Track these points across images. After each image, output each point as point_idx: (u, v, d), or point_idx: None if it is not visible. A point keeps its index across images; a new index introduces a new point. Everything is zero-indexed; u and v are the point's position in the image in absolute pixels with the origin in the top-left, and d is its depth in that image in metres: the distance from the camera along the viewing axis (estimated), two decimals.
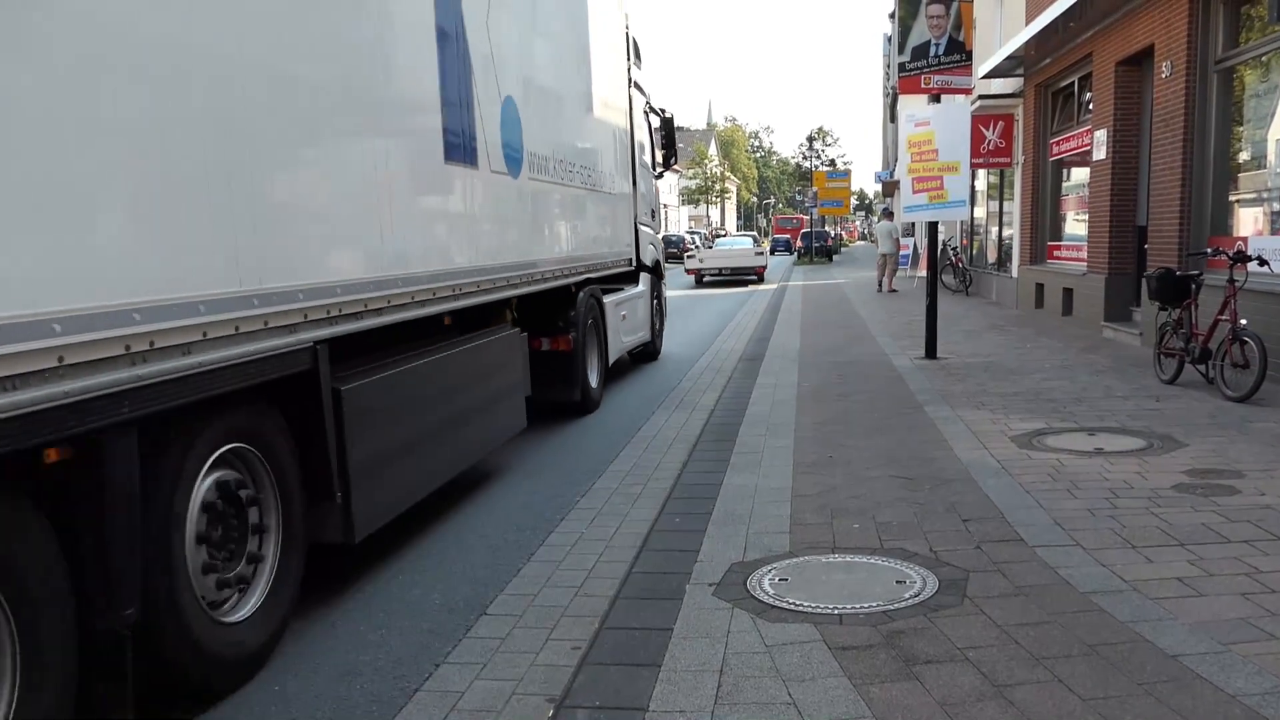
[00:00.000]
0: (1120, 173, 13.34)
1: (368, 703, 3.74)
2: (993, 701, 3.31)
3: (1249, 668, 3.45)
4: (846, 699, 3.37)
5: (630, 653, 3.83)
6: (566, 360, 8.97)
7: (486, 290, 6.66)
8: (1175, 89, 11.15)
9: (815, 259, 50.36)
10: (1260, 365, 8.01)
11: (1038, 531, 5.03)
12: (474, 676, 3.77)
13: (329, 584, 5.06)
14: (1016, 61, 16.64)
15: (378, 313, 5.01)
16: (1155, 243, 11.86)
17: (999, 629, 3.87)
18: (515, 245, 7.30)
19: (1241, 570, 4.38)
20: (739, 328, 17.25)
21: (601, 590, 4.57)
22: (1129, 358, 11.23)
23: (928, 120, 11.44)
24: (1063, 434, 7.33)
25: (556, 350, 8.92)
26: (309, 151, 4.51)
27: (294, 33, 4.32)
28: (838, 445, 7.22)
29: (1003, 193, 21.08)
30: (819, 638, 3.86)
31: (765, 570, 4.64)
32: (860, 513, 5.51)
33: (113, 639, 3.31)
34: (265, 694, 3.85)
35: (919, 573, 4.52)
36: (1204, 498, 5.53)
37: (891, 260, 25.30)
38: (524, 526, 5.90)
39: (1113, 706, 3.23)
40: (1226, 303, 8.54)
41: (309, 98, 4.45)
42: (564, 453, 7.95)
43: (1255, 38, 10.16)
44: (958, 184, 11.28)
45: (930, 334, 11.71)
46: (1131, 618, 3.90)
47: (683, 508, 5.81)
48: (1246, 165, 10.54)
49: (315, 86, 4.50)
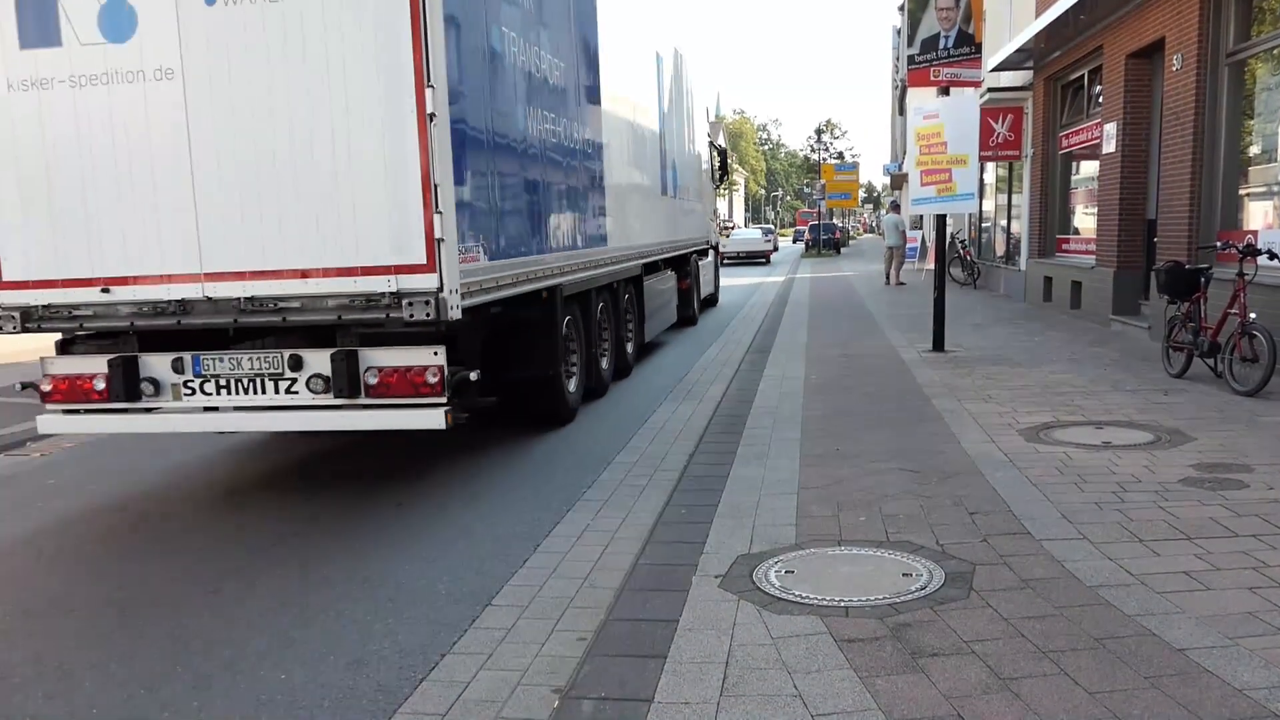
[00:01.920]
0: (1130, 166, 13.29)
1: (374, 692, 3.75)
2: (999, 694, 3.30)
3: (1256, 661, 3.44)
4: (852, 691, 3.37)
5: (636, 644, 3.84)
6: (686, 293, 16.25)
7: (667, 251, 13.77)
8: (1186, 82, 11.10)
9: (823, 251, 50.28)
10: (1269, 359, 7.98)
11: (1044, 525, 5.02)
12: (479, 667, 3.78)
13: (336, 572, 5.08)
14: (1026, 54, 16.56)
15: (657, 254, 12.93)
16: (1164, 236, 11.81)
17: (1005, 622, 3.87)
18: (675, 231, 14.52)
19: (1249, 564, 4.37)
20: (747, 319, 17.25)
21: (607, 582, 4.57)
22: (1137, 351, 11.20)
23: (936, 113, 11.41)
24: (1070, 427, 7.31)
25: (682, 288, 15.86)
26: (646, 196, 12.43)
27: (641, 146, 11.94)
28: (844, 438, 7.21)
29: (1011, 186, 21.00)
30: (825, 630, 3.86)
31: (771, 562, 4.64)
32: (867, 505, 5.51)
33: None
34: (273, 683, 3.87)
35: (925, 565, 4.51)
36: (1212, 491, 5.52)
37: (898, 253, 25.23)
38: (530, 518, 5.90)
39: (1119, 700, 3.23)
40: (1235, 296, 8.51)
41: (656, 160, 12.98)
42: (570, 444, 7.95)
43: (1267, 30, 10.09)
44: (966, 177, 11.24)
45: (938, 327, 11.68)
46: (1138, 611, 3.90)
47: (689, 499, 5.81)
48: (1257, 159, 10.49)
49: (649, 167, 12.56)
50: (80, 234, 6.03)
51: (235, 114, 5.74)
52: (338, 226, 5.74)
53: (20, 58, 5.89)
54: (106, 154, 5.91)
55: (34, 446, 8.39)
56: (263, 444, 8.42)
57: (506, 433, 8.29)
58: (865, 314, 17.11)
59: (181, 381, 6.17)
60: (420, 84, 5.55)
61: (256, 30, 5.64)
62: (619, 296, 10.91)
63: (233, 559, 5.43)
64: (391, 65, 5.56)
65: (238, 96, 5.73)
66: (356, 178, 5.69)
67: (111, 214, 5.97)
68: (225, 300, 5.92)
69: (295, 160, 5.73)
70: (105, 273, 6.04)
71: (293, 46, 5.64)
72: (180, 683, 3.90)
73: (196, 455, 8.05)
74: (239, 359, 6.11)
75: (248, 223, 5.83)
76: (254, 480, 7.34)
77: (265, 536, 5.81)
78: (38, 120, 5.95)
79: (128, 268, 6.01)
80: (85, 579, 5.17)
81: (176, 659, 4.12)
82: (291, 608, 4.65)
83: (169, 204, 5.88)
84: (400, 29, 5.53)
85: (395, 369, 5.95)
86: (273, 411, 6.19)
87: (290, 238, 5.80)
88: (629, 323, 11.51)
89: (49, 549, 5.73)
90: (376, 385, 5.97)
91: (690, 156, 15.75)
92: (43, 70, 5.88)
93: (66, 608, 4.74)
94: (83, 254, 6.05)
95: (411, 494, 6.58)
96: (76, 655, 4.19)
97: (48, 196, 6.02)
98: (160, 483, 7.25)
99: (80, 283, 6.08)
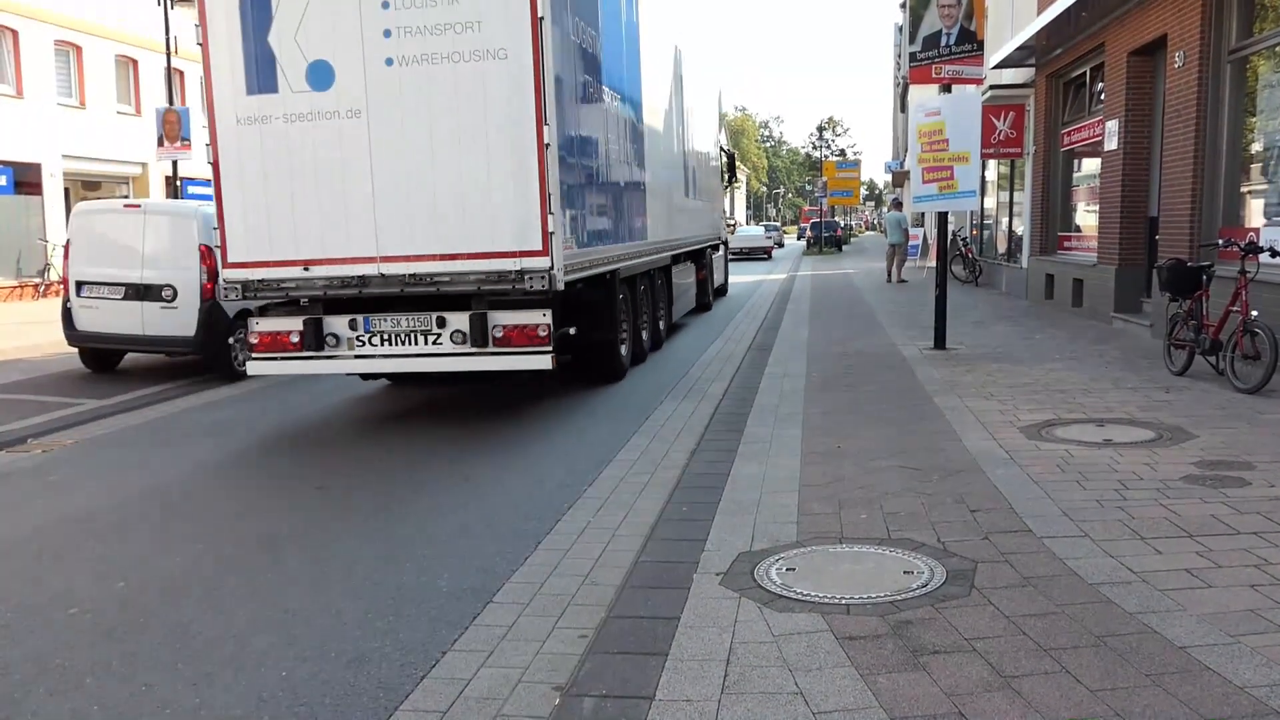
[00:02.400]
0: (1132, 163, 13.28)
1: (375, 689, 3.75)
2: (1000, 692, 3.30)
3: (1257, 659, 3.44)
4: (853, 689, 3.37)
5: (637, 641, 3.84)
6: (703, 282, 18.25)
7: (688, 245, 15.69)
8: (1188, 79, 11.09)
9: (825, 249, 50.26)
10: (1271, 357, 7.97)
11: (1046, 522, 5.02)
12: (481, 664, 3.78)
13: (336, 571, 5.08)
14: (1028, 51, 16.55)
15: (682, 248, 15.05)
16: (1166, 234, 11.80)
17: (1007, 619, 3.87)
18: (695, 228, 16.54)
19: (1250, 562, 4.37)
20: (748, 316, 17.25)
21: (609, 579, 4.57)
22: (1139, 349, 11.19)
23: (938, 110, 11.39)
24: (1072, 425, 7.31)
25: (699, 278, 17.85)
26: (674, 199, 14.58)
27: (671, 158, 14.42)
28: (846, 435, 7.21)
29: (1013, 183, 20.99)
30: (826, 627, 3.86)
31: (773, 560, 4.64)
32: (868, 503, 5.51)
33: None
34: (273, 680, 3.87)
35: (927, 563, 4.51)
36: (1213, 489, 5.51)
37: (900, 250, 25.21)
38: (531, 515, 5.90)
39: (1121, 697, 3.23)
40: (1237, 294, 8.50)
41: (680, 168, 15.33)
42: (571, 441, 7.96)
43: (1269, 28, 10.08)
44: (968, 174, 11.23)
45: (939, 324, 11.67)
46: (1140, 609, 3.89)
47: (690, 497, 5.81)
48: (1259, 156, 10.48)
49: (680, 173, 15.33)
50: (288, 228, 8.26)
51: (405, 142, 8.03)
52: (478, 223, 8.04)
53: (247, 101, 8.19)
54: (309, 170, 8.17)
55: (35, 443, 8.39)
56: (263, 445, 8.43)
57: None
58: (867, 311, 17.10)
59: (355, 336, 8.43)
60: (539, 122, 7.90)
61: (423, 83, 7.94)
62: (654, 282, 13.18)
63: (234, 554, 5.43)
64: (519, 109, 7.88)
65: (407, 130, 8.03)
66: (493, 188, 8.00)
67: (311, 214, 8.21)
68: (394, 276, 8.21)
69: (448, 175, 8.02)
70: (306, 255, 8.29)
71: (448, 95, 7.95)
72: (181, 680, 3.90)
73: (198, 453, 8.06)
74: (399, 319, 8.38)
75: (411, 220, 8.12)
76: (255, 478, 7.34)
77: (266, 533, 5.81)
78: (259, 147, 8.19)
79: (323, 252, 8.25)
80: (86, 576, 5.17)
81: (178, 656, 4.12)
82: (293, 604, 4.65)
83: (354, 206, 8.15)
84: (526, 84, 7.84)
85: (515, 326, 8.24)
86: (422, 358, 8.40)
87: (443, 231, 8.08)
88: (660, 305, 13.65)
89: (50, 545, 5.73)
90: (501, 338, 8.25)
91: (706, 163, 18.46)
92: (264, 110, 8.16)
93: (68, 604, 4.74)
94: (289, 242, 8.29)
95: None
96: (78, 652, 4.19)
97: (264, 201, 8.26)
98: (161, 480, 7.25)
99: (287, 263, 8.32)
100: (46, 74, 22.96)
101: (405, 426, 8.96)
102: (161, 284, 11.37)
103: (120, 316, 11.48)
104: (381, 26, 7.94)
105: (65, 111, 23.57)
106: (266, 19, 8.08)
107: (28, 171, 22.59)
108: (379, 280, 8.23)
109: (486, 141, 7.95)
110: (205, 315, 11.28)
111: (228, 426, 9.07)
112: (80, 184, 24.93)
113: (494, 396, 10.00)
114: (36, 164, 22.71)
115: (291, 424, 9.21)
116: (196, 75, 27.74)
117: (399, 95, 7.98)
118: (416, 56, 7.94)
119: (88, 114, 24.22)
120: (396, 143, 8.03)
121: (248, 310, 9.01)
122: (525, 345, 8.22)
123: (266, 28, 8.09)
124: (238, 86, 8.19)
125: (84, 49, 24.00)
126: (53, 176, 23.22)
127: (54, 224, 22.65)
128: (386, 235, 8.14)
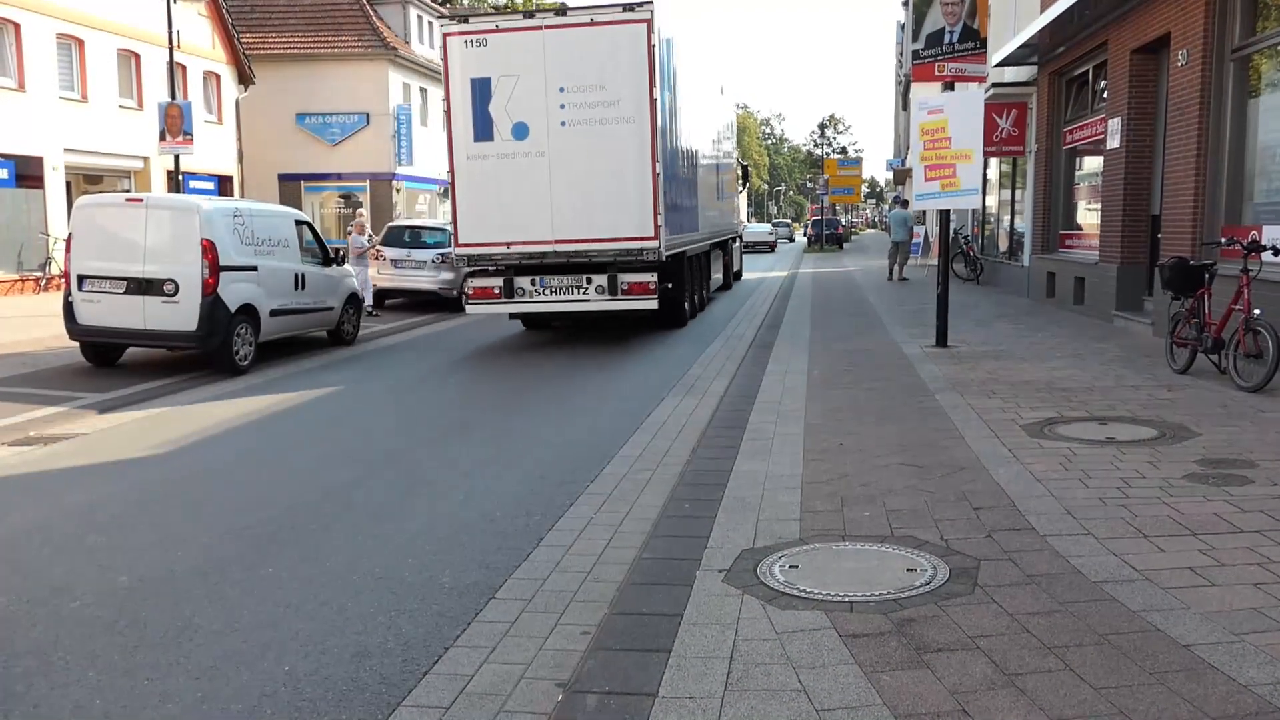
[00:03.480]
0: (1134, 162, 13.26)
1: (377, 684, 3.75)
2: (1004, 690, 3.30)
3: (1261, 658, 3.43)
4: (857, 686, 3.36)
5: (640, 638, 3.83)
6: (727, 266, 22.98)
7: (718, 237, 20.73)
8: (1191, 78, 11.07)
9: (826, 247, 50.22)
10: (1273, 355, 7.95)
11: (1049, 520, 5.01)
12: (483, 660, 3.78)
13: (338, 567, 5.08)
14: (1030, 49, 16.52)
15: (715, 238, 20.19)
16: (1168, 232, 11.79)
17: (1010, 617, 3.86)
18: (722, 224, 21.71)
19: (1254, 560, 4.36)
20: (750, 314, 17.25)
21: (611, 575, 4.57)
22: (1141, 347, 11.18)
23: (941, 107, 11.36)
24: (1074, 423, 7.30)
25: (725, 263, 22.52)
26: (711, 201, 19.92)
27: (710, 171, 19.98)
28: (848, 432, 7.21)
29: (1015, 181, 20.97)
30: (829, 625, 3.85)
31: (775, 557, 4.63)
32: (871, 500, 5.50)
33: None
34: (276, 675, 3.87)
35: (930, 561, 4.51)
36: (1216, 487, 5.51)
37: (903, 249, 25.19)
38: (533, 511, 5.90)
39: (1124, 696, 3.22)
40: (1240, 292, 8.49)
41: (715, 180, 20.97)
42: (573, 438, 7.96)
43: (1272, 26, 10.06)
44: (970, 172, 11.20)
45: (941, 322, 11.66)
46: (1143, 607, 3.89)
47: (692, 494, 5.81)
48: (1262, 154, 10.45)
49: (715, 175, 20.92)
50: (496, 223, 13.44)
51: (570, 172, 13.11)
52: (615, 221, 13.26)
53: (473, 146, 13.35)
54: (510, 188, 13.30)
55: (36, 436, 8.39)
56: (263, 442, 8.42)
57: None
58: (869, 309, 17.10)
59: (533, 289, 13.62)
60: (654, 158, 13.16)
61: (583, 136, 13.11)
62: (700, 262, 18.18)
63: (236, 549, 5.43)
64: (641, 153, 13.10)
65: (572, 165, 13.17)
66: (625, 200, 13.22)
67: (511, 214, 13.36)
68: (562, 252, 13.43)
69: (597, 192, 13.19)
70: (507, 239, 13.51)
71: (598, 144, 13.12)
72: (183, 674, 3.90)
73: (199, 448, 8.06)
74: (561, 279, 13.59)
75: (576, 218, 13.27)
76: (258, 474, 7.34)
77: (267, 529, 5.81)
78: (480, 173, 13.31)
79: (519, 236, 13.47)
80: (88, 569, 5.16)
81: (180, 650, 4.12)
82: (294, 600, 4.65)
83: (538, 210, 13.30)
84: (646, 138, 13.08)
85: (636, 282, 13.40)
86: (574, 303, 13.64)
87: (593, 225, 13.27)
88: (701, 279, 18.41)
89: (51, 539, 5.73)
90: (626, 290, 13.40)
91: (729, 174, 23.92)
92: (483, 152, 13.35)
93: (69, 598, 4.74)
94: (497, 231, 13.48)
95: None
96: (80, 646, 4.19)
97: (481, 206, 13.40)
98: (162, 474, 7.25)
99: (496, 244, 13.58)
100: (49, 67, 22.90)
101: (405, 422, 8.96)
102: (163, 278, 11.36)
103: (122, 311, 11.47)
104: (559, 102, 13.14)
105: (67, 105, 23.52)
106: (487, 95, 13.30)
107: (29, 165, 22.54)
108: (553, 255, 13.54)
109: (621, 172, 13.26)
110: (207, 310, 11.27)
111: (228, 422, 9.06)
112: (82, 178, 24.89)
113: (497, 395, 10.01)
114: (38, 157, 22.66)
115: (293, 422, 9.21)
116: (199, 69, 27.84)
117: (568, 143, 13.20)
118: (579, 120, 13.16)
119: (90, 107, 24.18)
120: (565, 172, 13.26)
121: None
122: (641, 295, 13.48)
123: (488, 101, 13.32)
124: (468, 136, 13.38)
125: (86, 42, 23.95)
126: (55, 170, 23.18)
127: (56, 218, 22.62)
128: (558, 227, 13.40)
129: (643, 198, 13.15)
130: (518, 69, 13.08)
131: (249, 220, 12.28)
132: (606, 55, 13.00)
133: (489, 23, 13.43)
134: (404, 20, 36.62)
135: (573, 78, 13.02)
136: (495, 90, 13.12)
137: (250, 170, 31.07)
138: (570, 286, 13.53)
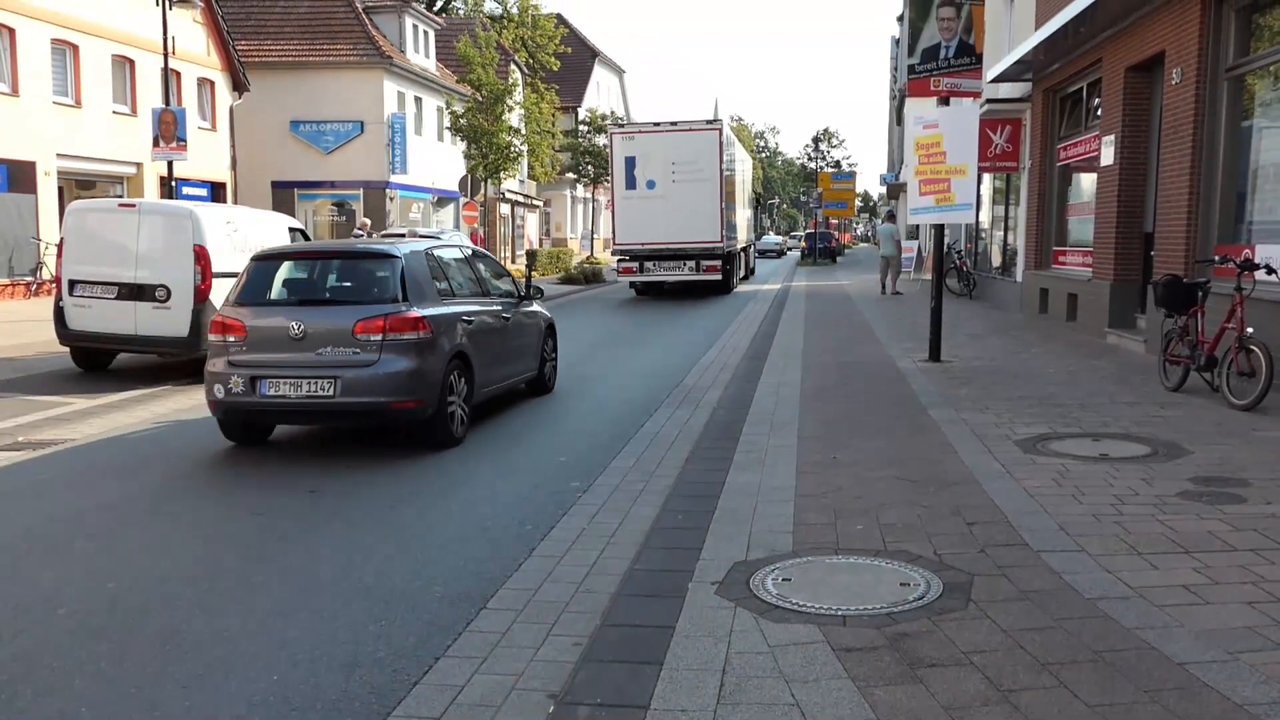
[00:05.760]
0: (1128, 179, 13.29)
1: (367, 694, 3.72)
2: (998, 706, 3.28)
3: (1256, 677, 3.42)
4: (850, 701, 3.34)
5: (632, 650, 3.81)
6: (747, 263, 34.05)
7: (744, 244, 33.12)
8: (1185, 96, 11.12)
9: (819, 260, 50.32)
10: (1266, 373, 7.97)
11: (1043, 536, 5.00)
12: (474, 670, 3.74)
13: (329, 575, 5.05)
14: (1025, 66, 16.57)
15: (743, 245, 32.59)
16: (1162, 249, 11.82)
17: (1004, 633, 3.85)
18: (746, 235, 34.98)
19: (1248, 579, 4.36)
20: (744, 324, 17.24)
21: (603, 586, 4.54)
22: (1133, 364, 11.20)
23: (936, 122, 11.40)
24: (1067, 439, 7.30)
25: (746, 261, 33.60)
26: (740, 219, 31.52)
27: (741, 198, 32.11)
28: (841, 446, 7.19)
29: (1008, 197, 21.02)
30: (822, 639, 3.83)
31: (768, 570, 4.61)
32: (864, 514, 5.49)
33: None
34: (264, 684, 3.83)
35: (923, 575, 4.49)
36: (1210, 505, 5.50)
37: (894, 263, 25.24)
38: (526, 520, 5.87)
39: (1119, 714, 3.21)
40: (1233, 311, 8.50)
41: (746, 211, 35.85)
42: (566, 449, 7.93)
43: (1266, 46, 10.11)
44: (965, 187, 11.23)
45: (934, 337, 11.67)
46: (1138, 624, 3.88)
47: (685, 505, 5.79)
48: (1255, 173, 10.49)
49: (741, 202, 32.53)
50: (636, 232, 24.85)
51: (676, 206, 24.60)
52: (700, 232, 24.61)
53: (625, 192, 25.00)
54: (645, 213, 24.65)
55: (25, 441, 8.33)
56: (255, 449, 8.37)
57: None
58: (861, 323, 17.11)
59: (653, 267, 25.02)
60: (721, 201, 24.70)
61: (685, 187, 24.45)
62: (738, 257, 28.84)
63: (225, 556, 5.40)
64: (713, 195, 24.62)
65: (678, 202, 24.47)
66: (708, 218, 24.65)
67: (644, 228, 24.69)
68: (671, 248, 24.75)
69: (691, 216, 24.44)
70: (641, 240, 24.81)
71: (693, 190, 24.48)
72: (171, 682, 3.86)
73: (189, 454, 8.01)
74: (668, 262, 24.89)
75: (678, 230, 24.45)
76: (247, 481, 7.30)
77: (258, 536, 5.78)
78: (629, 208, 25.01)
79: (649, 237, 24.72)
80: (76, 576, 5.12)
81: (167, 658, 4.08)
82: (284, 610, 4.62)
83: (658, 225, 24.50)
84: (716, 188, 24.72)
85: (711, 265, 24.85)
86: (676, 275, 24.97)
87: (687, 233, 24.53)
88: (739, 266, 29.40)
89: (39, 545, 5.68)
90: (705, 269, 24.81)
91: (748, 198, 35.72)
92: (629, 195, 24.89)
93: (57, 605, 4.70)
94: (637, 236, 24.85)
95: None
96: (67, 653, 4.15)
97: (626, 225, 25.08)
98: (152, 480, 7.20)
99: (636, 244, 24.85)
100: (43, 72, 22.85)
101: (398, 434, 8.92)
102: (155, 284, 11.31)
103: (113, 316, 11.42)
104: (671, 171, 24.28)
105: (61, 110, 23.46)
106: (633, 165, 24.48)
107: (22, 170, 22.45)
108: (666, 250, 24.53)
109: (704, 207, 24.38)
110: (198, 316, 11.21)
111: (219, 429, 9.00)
112: (75, 183, 24.80)
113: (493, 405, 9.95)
114: (31, 162, 22.57)
115: (284, 429, 9.16)
116: (194, 76, 27.82)
117: (676, 190, 24.28)
118: (682, 178, 24.22)
119: (83, 113, 24.12)
120: (673, 205, 24.26)
121: None
122: (713, 273, 24.74)
123: (633, 168, 24.48)
124: (622, 186, 24.81)
125: (81, 48, 23.90)
126: (47, 175, 23.09)
127: (48, 223, 22.52)
128: (669, 234, 24.33)
129: (714, 220, 24.33)
130: (650, 151, 24.40)
131: (242, 227, 12.23)
132: (697, 146, 24.35)
133: (635, 128, 26.54)
134: (399, 29, 36.64)
135: (679, 157, 24.22)
136: (638, 162, 24.37)
137: (243, 177, 30.99)
138: (674, 267, 24.69)
